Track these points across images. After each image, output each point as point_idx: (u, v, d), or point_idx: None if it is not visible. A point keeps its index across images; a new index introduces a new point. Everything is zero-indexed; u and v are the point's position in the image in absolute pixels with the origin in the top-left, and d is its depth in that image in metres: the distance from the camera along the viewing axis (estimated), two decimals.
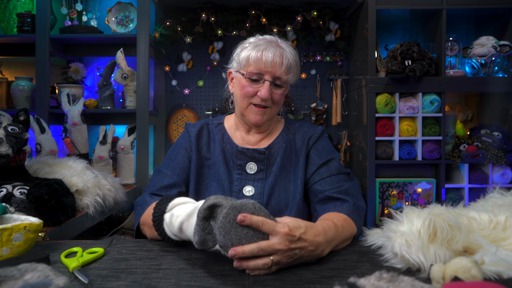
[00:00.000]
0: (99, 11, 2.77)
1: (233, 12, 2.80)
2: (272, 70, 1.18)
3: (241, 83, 1.22)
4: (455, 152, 2.43)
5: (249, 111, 1.23)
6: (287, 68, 1.20)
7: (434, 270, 0.70)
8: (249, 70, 1.19)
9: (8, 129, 1.33)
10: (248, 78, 1.19)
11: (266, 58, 1.17)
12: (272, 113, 1.24)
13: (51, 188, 1.28)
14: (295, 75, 1.24)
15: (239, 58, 1.23)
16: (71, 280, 0.80)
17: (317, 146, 1.27)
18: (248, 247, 0.81)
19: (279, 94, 1.21)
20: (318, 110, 2.91)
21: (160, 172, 1.25)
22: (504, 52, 2.40)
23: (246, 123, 1.28)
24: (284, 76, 1.20)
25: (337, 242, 0.97)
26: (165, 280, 0.79)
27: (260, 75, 1.18)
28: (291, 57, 1.21)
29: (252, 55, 1.18)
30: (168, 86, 2.99)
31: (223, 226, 0.81)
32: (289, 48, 1.23)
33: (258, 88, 1.19)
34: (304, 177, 1.23)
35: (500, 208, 0.93)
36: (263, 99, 1.19)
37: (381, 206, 2.44)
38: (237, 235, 0.81)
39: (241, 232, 0.82)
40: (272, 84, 1.19)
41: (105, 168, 2.28)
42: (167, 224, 0.94)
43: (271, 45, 1.20)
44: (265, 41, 1.21)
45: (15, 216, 0.96)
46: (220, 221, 0.81)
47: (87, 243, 1.03)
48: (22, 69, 2.83)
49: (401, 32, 2.90)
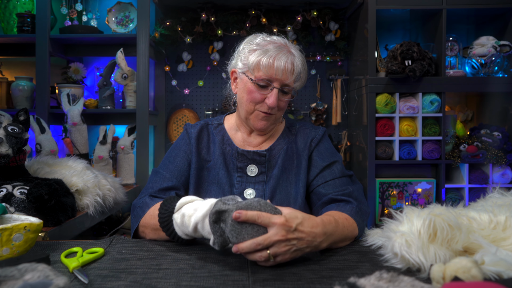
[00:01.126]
0: (99, 11, 2.77)
1: (233, 12, 2.80)
2: (283, 78, 1.15)
3: (248, 87, 1.18)
4: (455, 152, 2.43)
5: (254, 117, 1.21)
6: (296, 76, 1.18)
7: (434, 270, 0.70)
8: (258, 75, 1.16)
9: (8, 129, 1.33)
10: (257, 83, 1.16)
11: (278, 66, 1.14)
12: (277, 118, 1.24)
13: (51, 188, 1.28)
14: (302, 82, 1.23)
15: (248, 61, 1.18)
16: (71, 280, 0.80)
17: (320, 148, 1.26)
18: (245, 244, 0.83)
19: (285, 101, 1.20)
20: (318, 110, 2.91)
21: (158, 173, 1.23)
22: (504, 52, 2.40)
23: (249, 126, 1.26)
24: (292, 84, 1.19)
25: (336, 238, 0.97)
26: (165, 280, 0.79)
27: (269, 81, 1.16)
28: (301, 64, 1.19)
29: (263, 61, 1.14)
30: (168, 86, 2.99)
31: (233, 229, 0.84)
32: (298, 54, 1.20)
33: (266, 94, 1.17)
34: (307, 179, 1.22)
35: (500, 208, 0.93)
36: (271, 107, 1.17)
37: (381, 206, 2.44)
38: (248, 234, 0.84)
39: (252, 231, 0.84)
40: (280, 91, 1.17)
41: (105, 168, 2.28)
42: (177, 225, 0.94)
43: (282, 52, 1.16)
44: (275, 46, 1.17)
45: (15, 216, 0.96)
46: (230, 224, 0.84)
47: (87, 243, 1.03)
48: (22, 69, 2.83)
49: (401, 32, 2.90)
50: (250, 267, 0.86)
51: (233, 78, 1.27)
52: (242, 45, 1.24)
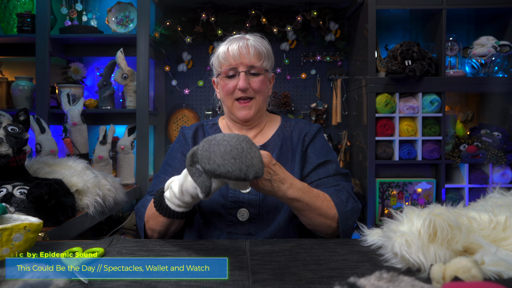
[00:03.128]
0: (99, 11, 2.77)
1: (233, 12, 2.80)
2: (242, 61, 1.21)
3: (222, 84, 1.25)
4: (455, 152, 2.43)
5: (235, 108, 1.25)
6: (256, 55, 1.22)
7: (434, 270, 0.70)
8: (223, 68, 1.23)
9: (8, 129, 1.33)
10: (225, 76, 1.23)
11: (233, 51, 1.21)
12: (258, 104, 1.25)
13: (51, 188, 1.28)
14: (269, 61, 1.27)
15: (214, 63, 1.28)
16: (71, 280, 0.79)
17: (315, 144, 1.27)
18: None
19: (257, 81, 1.23)
20: (318, 110, 2.91)
21: (159, 177, 1.27)
22: (504, 52, 2.40)
23: (236, 122, 1.30)
24: (257, 63, 1.22)
25: (306, 199, 1.04)
26: (165, 280, 0.79)
27: (234, 69, 1.22)
28: (258, 45, 1.24)
29: (220, 53, 1.24)
30: (168, 86, 2.99)
31: (203, 154, 0.87)
32: (255, 37, 1.26)
33: (236, 82, 1.22)
34: (300, 174, 1.23)
35: (500, 208, 0.92)
36: (242, 89, 1.21)
37: (381, 206, 2.44)
38: (219, 155, 0.86)
39: (219, 150, 0.86)
40: (248, 74, 1.22)
41: (105, 168, 2.28)
42: (169, 199, 1.01)
43: (236, 39, 1.24)
44: (232, 38, 1.27)
45: (15, 216, 0.97)
46: (199, 153, 0.88)
47: (87, 243, 1.03)
48: (22, 69, 2.82)
49: (401, 32, 2.90)
50: (250, 267, 0.86)
51: (215, 86, 1.34)
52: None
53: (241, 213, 1.16)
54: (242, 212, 1.16)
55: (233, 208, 1.17)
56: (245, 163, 0.86)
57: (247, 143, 0.89)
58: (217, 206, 1.17)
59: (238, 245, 1.01)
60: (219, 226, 1.17)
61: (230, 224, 1.17)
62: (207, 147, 0.87)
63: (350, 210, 1.11)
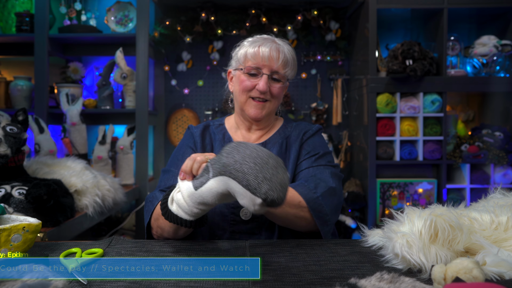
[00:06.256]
0: (98, 10, 2.76)
1: (233, 11, 2.80)
2: (270, 64, 1.21)
3: (240, 78, 1.24)
4: (457, 152, 2.42)
5: (248, 105, 1.24)
6: (284, 62, 1.22)
7: (435, 271, 0.70)
8: (247, 65, 1.22)
9: (7, 129, 1.33)
10: (247, 72, 1.22)
11: (263, 52, 1.20)
12: (271, 107, 1.26)
13: (50, 189, 1.28)
14: (292, 70, 1.27)
15: (237, 56, 1.26)
16: (70, 281, 0.79)
17: (310, 141, 1.28)
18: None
19: (277, 88, 1.24)
20: (319, 110, 2.90)
21: (169, 171, 1.25)
22: (505, 51, 2.40)
23: (246, 119, 1.29)
24: (281, 70, 1.22)
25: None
26: (164, 281, 0.79)
27: (258, 69, 1.21)
28: (288, 52, 1.24)
29: (249, 50, 1.22)
30: (167, 86, 2.98)
31: (226, 149, 0.85)
32: (285, 44, 1.26)
33: (257, 81, 1.22)
34: (295, 169, 1.24)
35: (501, 208, 0.92)
36: (262, 92, 1.21)
37: (382, 207, 2.43)
38: (242, 154, 0.82)
39: (244, 152, 0.82)
40: (270, 78, 1.22)
41: (104, 168, 2.28)
42: (176, 211, 0.94)
43: (268, 41, 1.24)
44: (262, 38, 1.26)
45: (14, 216, 0.96)
46: (224, 148, 0.86)
47: (86, 243, 1.02)
48: (20, 68, 2.82)
49: (402, 31, 2.89)
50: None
51: (230, 78, 1.33)
52: (236, 47, 1.32)
53: (244, 212, 1.16)
54: (245, 211, 1.16)
55: (236, 207, 1.17)
56: (263, 174, 0.78)
57: (276, 162, 0.81)
58: (220, 205, 1.17)
59: (238, 245, 1.00)
60: (222, 225, 1.17)
61: (233, 223, 1.16)
62: (234, 145, 0.85)
63: (321, 195, 1.09)
